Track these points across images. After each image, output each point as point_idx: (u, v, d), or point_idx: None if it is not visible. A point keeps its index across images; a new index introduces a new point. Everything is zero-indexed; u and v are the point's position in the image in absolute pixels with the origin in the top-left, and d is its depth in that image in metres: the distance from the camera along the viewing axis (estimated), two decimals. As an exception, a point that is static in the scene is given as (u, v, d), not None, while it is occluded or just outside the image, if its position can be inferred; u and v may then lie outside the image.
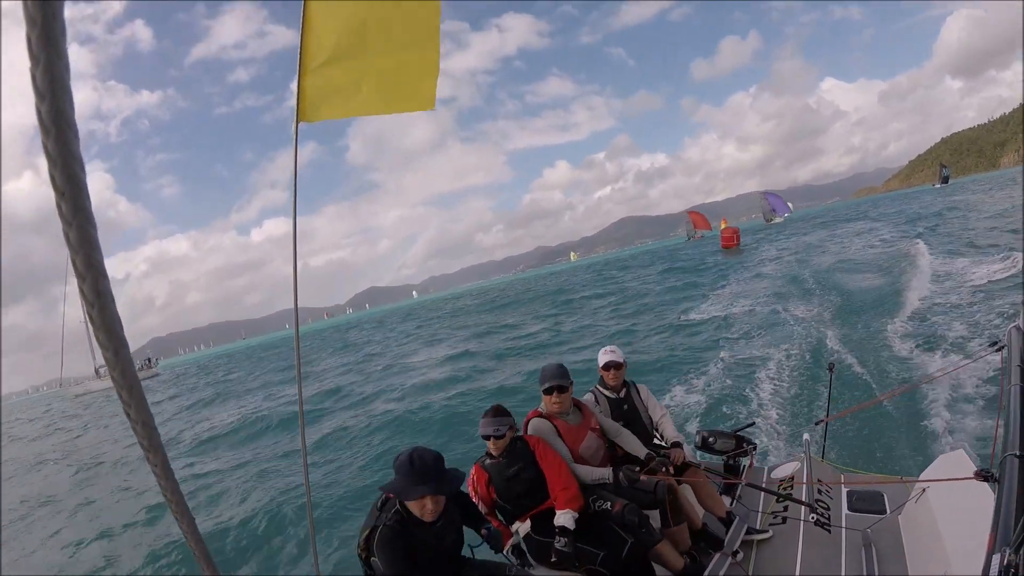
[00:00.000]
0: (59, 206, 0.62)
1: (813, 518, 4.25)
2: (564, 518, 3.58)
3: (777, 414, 9.57)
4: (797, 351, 13.08)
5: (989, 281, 14.94)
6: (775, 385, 11.16)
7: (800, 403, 9.85)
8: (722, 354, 14.36)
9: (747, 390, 11.24)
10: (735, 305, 21.46)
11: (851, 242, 36.90)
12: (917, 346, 11.20)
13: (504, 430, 3.75)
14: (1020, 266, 15.15)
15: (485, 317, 42.74)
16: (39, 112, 0.59)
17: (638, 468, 4.08)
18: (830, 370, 5.95)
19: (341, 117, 3.21)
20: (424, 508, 2.87)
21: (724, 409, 10.49)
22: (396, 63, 3.26)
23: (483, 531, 3.42)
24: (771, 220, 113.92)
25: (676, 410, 10.78)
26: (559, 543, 3.50)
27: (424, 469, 2.84)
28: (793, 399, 10.13)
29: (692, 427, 9.62)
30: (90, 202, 0.64)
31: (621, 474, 3.97)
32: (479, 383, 16.91)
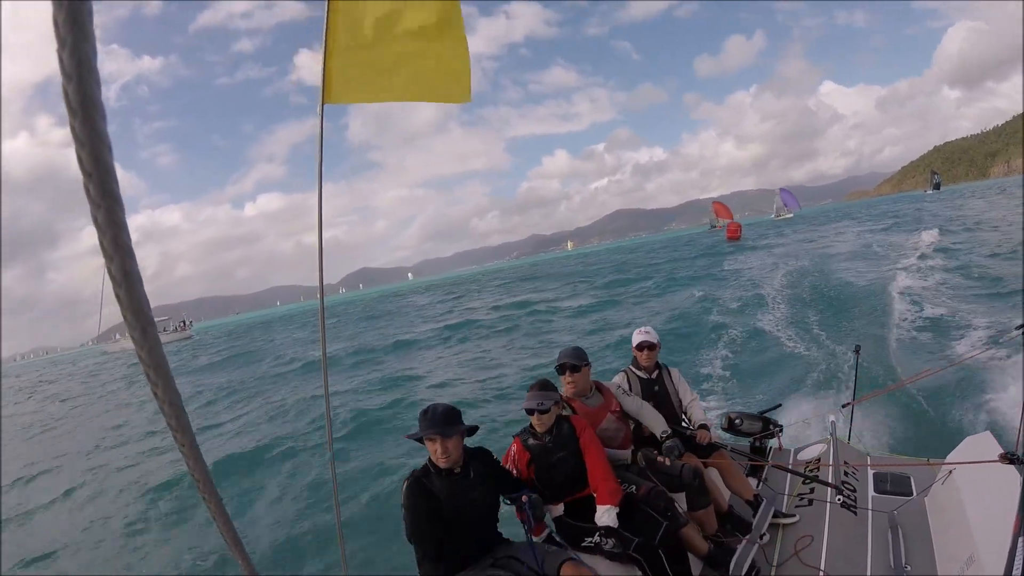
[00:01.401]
0: (87, 188, 0.62)
1: (840, 500, 4.26)
2: (608, 516, 3.51)
3: (804, 396, 9.66)
4: (823, 334, 13.24)
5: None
6: (802, 367, 11.28)
7: (827, 385, 9.94)
8: (747, 337, 14.74)
9: (774, 372, 11.43)
10: (757, 289, 22.11)
11: (856, 235, 37.32)
12: (942, 328, 11.27)
13: (548, 404, 3.66)
14: None
15: (592, 279, 45.44)
16: (66, 93, 0.59)
17: (656, 452, 4.07)
18: (856, 353, 6.01)
19: (371, 102, 3.19)
20: (435, 451, 3.18)
21: (750, 390, 10.65)
22: (426, 52, 3.23)
23: (524, 496, 3.36)
24: (781, 215, 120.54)
25: (703, 390, 10.98)
26: (607, 545, 3.45)
27: (433, 417, 3.16)
28: (820, 381, 10.24)
29: (714, 406, 9.87)
30: (118, 184, 0.63)
31: (640, 455, 3.98)
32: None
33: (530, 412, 3.70)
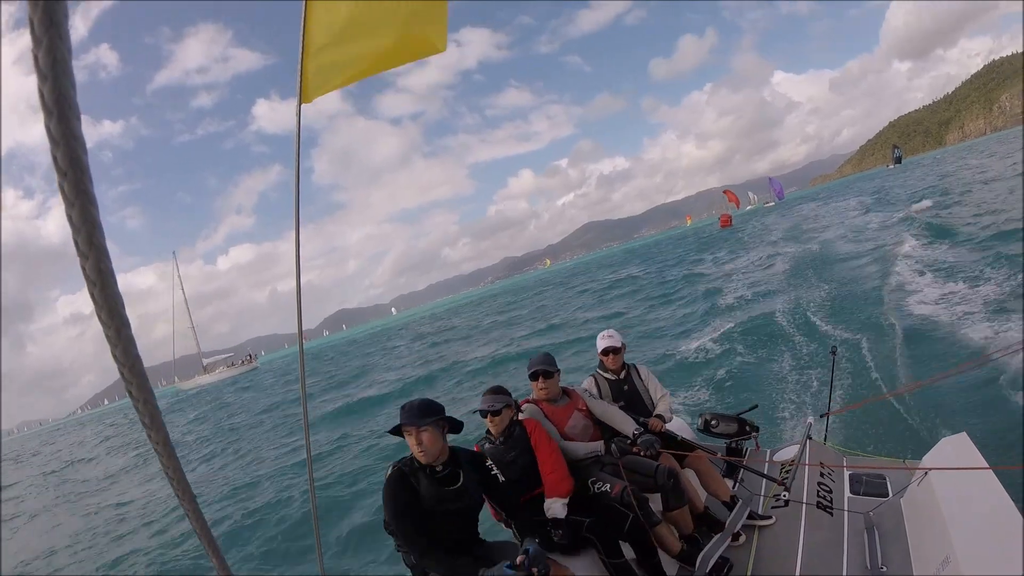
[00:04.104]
0: (61, 187, 0.64)
1: (814, 501, 4.29)
2: (555, 507, 3.58)
3: (781, 396, 9.60)
4: (801, 332, 13.13)
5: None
6: (779, 367, 11.19)
7: (804, 385, 9.88)
8: (727, 335, 14.59)
9: (751, 372, 11.34)
10: (739, 288, 21.95)
11: (836, 220, 37.75)
12: (929, 329, 10.55)
13: (499, 407, 3.78)
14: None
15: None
16: (41, 94, 0.61)
17: (629, 441, 4.10)
18: (832, 354, 5.94)
19: (344, 86, 3.16)
20: (411, 445, 3.11)
21: (727, 392, 10.62)
22: (401, 14, 3.16)
23: (520, 556, 2.92)
24: (767, 203, 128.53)
25: (681, 392, 10.96)
26: (556, 536, 3.49)
27: (410, 409, 3.08)
28: (797, 381, 10.17)
29: (678, 406, 9.74)
30: (92, 183, 0.66)
31: (613, 446, 4.03)
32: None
33: (484, 415, 3.83)
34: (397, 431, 3.15)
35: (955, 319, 10.31)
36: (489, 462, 3.61)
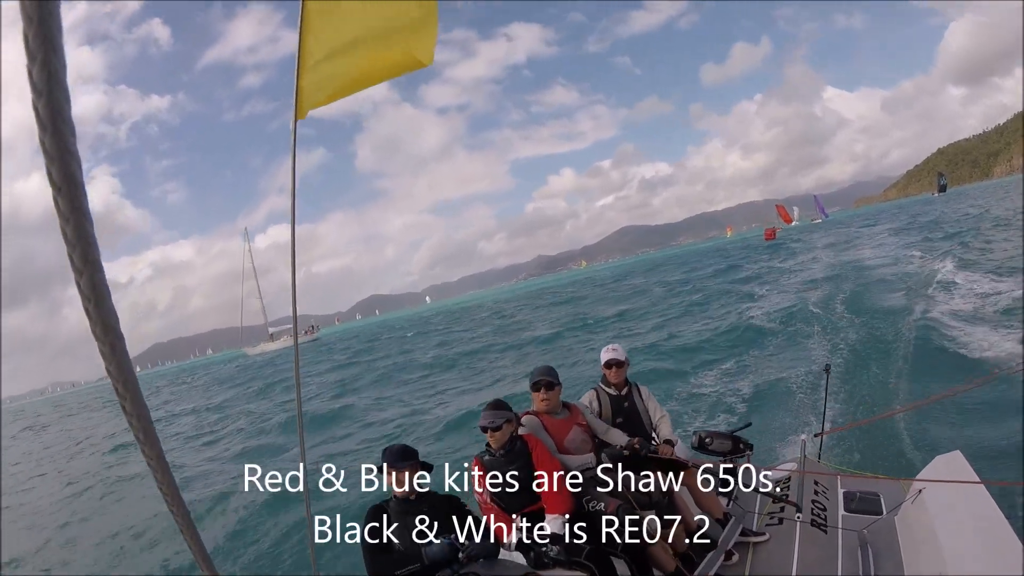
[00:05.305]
0: (56, 202, 0.63)
1: (808, 519, 4.27)
2: (554, 524, 3.64)
3: (776, 414, 9.55)
4: (801, 348, 13.16)
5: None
6: (774, 385, 11.14)
7: (799, 402, 9.81)
8: (728, 348, 14.73)
9: (745, 390, 11.28)
10: (753, 302, 22.31)
11: (867, 243, 37.50)
12: (932, 349, 10.66)
13: (500, 422, 3.87)
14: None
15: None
16: (36, 109, 0.60)
17: (621, 447, 4.21)
18: (826, 372, 5.90)
19: (333, 100, 3.17)
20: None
21: (722, 409, 10.59)
22: (392, 27, 3.14)
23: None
24: (814, 220, 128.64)
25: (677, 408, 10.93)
26: (552, 551, 3.52)
27: (392, 454, 3.53)
28: (792, 398, 10.11)
29: (676, 423, 9.71)
30: (87, 199, 0.65)
31: (604, 454, 4.15)
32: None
33: (484, 430, 3.92)
34: (381, 468, 3.57)
35: (956, 339, 10.41)
36: (463, 503, 3.72)
